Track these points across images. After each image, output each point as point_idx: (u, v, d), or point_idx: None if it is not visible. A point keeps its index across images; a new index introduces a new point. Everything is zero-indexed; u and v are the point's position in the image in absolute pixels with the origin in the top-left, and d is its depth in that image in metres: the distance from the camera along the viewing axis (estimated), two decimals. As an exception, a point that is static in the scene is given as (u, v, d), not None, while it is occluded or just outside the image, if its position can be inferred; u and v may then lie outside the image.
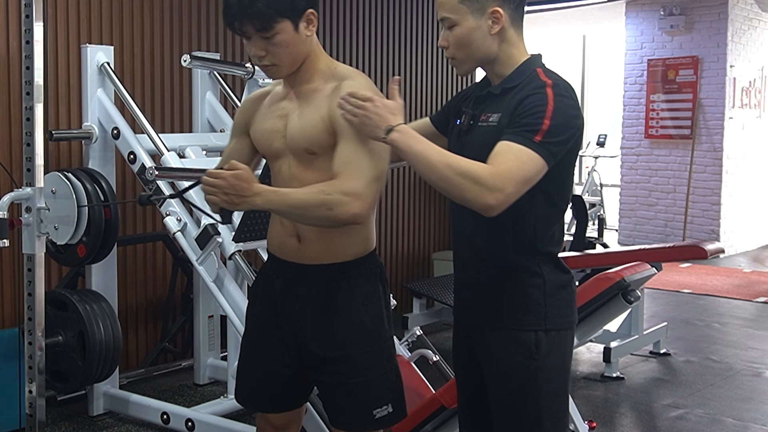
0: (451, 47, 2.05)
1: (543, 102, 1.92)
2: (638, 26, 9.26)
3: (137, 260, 4.40)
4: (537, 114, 1.91)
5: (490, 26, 2.01)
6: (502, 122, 1.97)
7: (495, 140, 1.93)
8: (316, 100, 2.11)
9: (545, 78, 2.00)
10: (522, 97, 1.96)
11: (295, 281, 2.19)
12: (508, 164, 1.87)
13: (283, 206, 2.07)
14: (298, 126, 2.12)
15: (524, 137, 1.89)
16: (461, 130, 2.10)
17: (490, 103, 2.06)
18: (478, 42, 2.02)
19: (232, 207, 2.07)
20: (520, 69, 2.04)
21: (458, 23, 2.02)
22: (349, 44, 5.42)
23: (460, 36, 2.02)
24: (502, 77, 2.06)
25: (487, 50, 2.04)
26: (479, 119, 2.06)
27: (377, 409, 2.18)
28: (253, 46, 2.08)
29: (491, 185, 1.84)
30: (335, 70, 2.15)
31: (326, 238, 2.14)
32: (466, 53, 2.05)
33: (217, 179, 2.02)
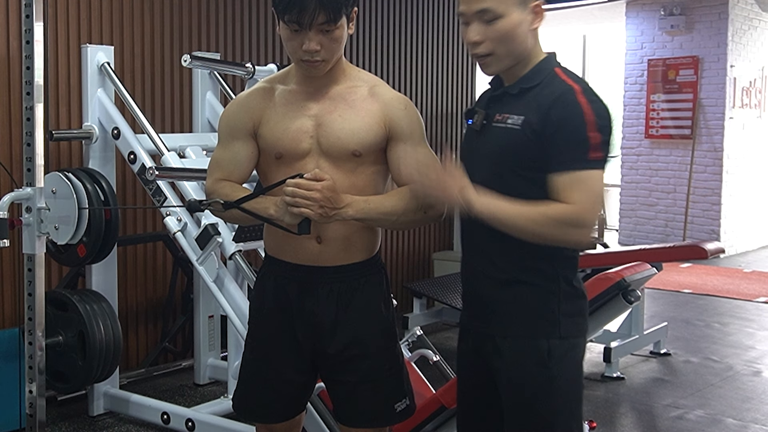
0: (489, 42, 1.90)
1: (579, 114, 1.84)
2: (638, 26, 9.26)
3: (137, 260, 4.40)
4: (580, 130, 1.83)
5: (531, 21, 1.91)
6: (528, 127, 1.88)
7: (516, 143, 1.89)
8: (356, 103, 2.11)
9: (570, 81, 1.91)
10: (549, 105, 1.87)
11: (314, 284, 2.16)
12: (587, 196, 1.82)
13: (377, 214, 2.06)
14: (345, 128, 2.09)
15: (581, 161, 1.83)
16: (473, 130, 2.04)
17: (506, 103, 1.97)
18: (521, 37, 1.91)
19: (324, 220, 2.01)
20: (537, 68, 1.95)
21: (504, 15, 1.88)
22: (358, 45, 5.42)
23: (505, 30, 1.89)
24: (518, 76, 1.96)
25: (525, 47, 1.93)
26: (493, 119, 1.98)
27: (398, 403, 2.22)
28: (308, 40, 2.01)
29: (585, 222, 1.83)
30: (358, 74, 2.19)
31: (348, 239, 2.14)
32: (507, 49, 1.92)
33: (311, 191, 1.96)
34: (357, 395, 2.19)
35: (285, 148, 2.12)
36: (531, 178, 1.90)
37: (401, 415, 2.23)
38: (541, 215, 1.84)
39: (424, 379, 3.31)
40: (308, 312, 2.17)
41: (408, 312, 5.36)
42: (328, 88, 2.13)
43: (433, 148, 2.22)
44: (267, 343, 2.24)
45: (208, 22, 4.64)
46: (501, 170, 1.94)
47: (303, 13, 1.98)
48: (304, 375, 2.23)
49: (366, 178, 2.13)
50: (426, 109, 6.09)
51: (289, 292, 2.18)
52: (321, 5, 1.97)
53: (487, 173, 1.96)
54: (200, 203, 2.20)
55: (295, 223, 2.02)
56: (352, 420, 2.22)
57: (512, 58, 1.93)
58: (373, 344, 2.18)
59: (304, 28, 2.01)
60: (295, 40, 2.04)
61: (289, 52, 2.09)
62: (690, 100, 8.91)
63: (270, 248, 2.24)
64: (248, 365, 2.29)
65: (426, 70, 6.10)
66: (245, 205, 2.09)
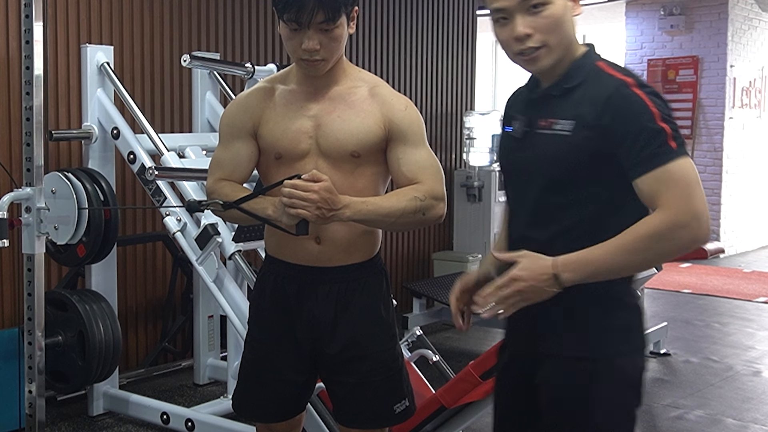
0: (540, 33, 1.71)
1: (643, 107, 1.65)
2: (638, 26, 9.26)
3: (137, 260, 4.40)
4: (649, 124, 1.64)
5: (572, 8, 1.74)
6: (581, 132, 1.69)
7: (569, 152, 1.71)
8: (356, 103, 2.11)
9: (620, 75, 1.72)
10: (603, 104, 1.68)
11: (313, 285, 2.16)
12: (680, 191, 1.62)
13: (375, 216, 2.04)
14: (344, 128, 2.08)
15: (661, 155, 1.63)
16: (514, 139, 1.84)
17: (549, 106, 1.77)
18: (569, 23, 1.73)
19: (322, 221, 1.99)
20: (578, 64, 1.77)
21: (552, 1, 1.70)
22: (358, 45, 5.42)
23: (556, 16, 1.71)
24: (557, 75, 1.77)
25: (570, 36, 1.75)
26: (537, 125, 1.78)
27: (397, 404, 2.22)
28: (307, 39, 2.01)
29: (687, 222, 1.63)
30: (359, 74, 2.18)
31: (348, 240, 2.13)
32: (559, 38, 1.73)
33: (308, 192, 1.94)
34: (356, 396, 2.19)
35: (284, 149, 2.12)
36: (592, 189, 1.73)
37: (400, 417, 2.23)
38: (637, 240, 1.64)
39: (424, 379, 3.31)
40: (307, 312, 2.16)
41: (408, 312, 5.36)
42: (329, 88, 2.12)
43: (433, 149, 2.22)
44: (266, 343, 2.24)
45: (208, 22, 4.64)
46: (553, 183, 1.75)
47: (302, 11, 1.98)
48: (303, 375, 2.23)
49: (365, 179, 2.12)
50: (426, 109, 6.09)
51: (289, 292, 2.18)
52: (320, 4, 1.97)
53: (537, 187, 1.78)
54: (200, 203, 2.20)
55: (293, 224, 2.01)
56: (351, 421, 2.22)
57: (563, 49, 1.75)
58: (372, 346, 2.18)
59: (303, 27, 2.00)
60: (294, 39, 2.03)
61: (289, 51, 2.08)
62: (690, 100, 8.91)
63: (270, 248, 2.24)
64: (248, 365, 2.29)
65: (426, 70, 6.09)
66: (244, 205, 2.09)
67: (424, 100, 6.08)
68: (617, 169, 1.68)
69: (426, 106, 6.10)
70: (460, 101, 6.43)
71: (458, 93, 6.40)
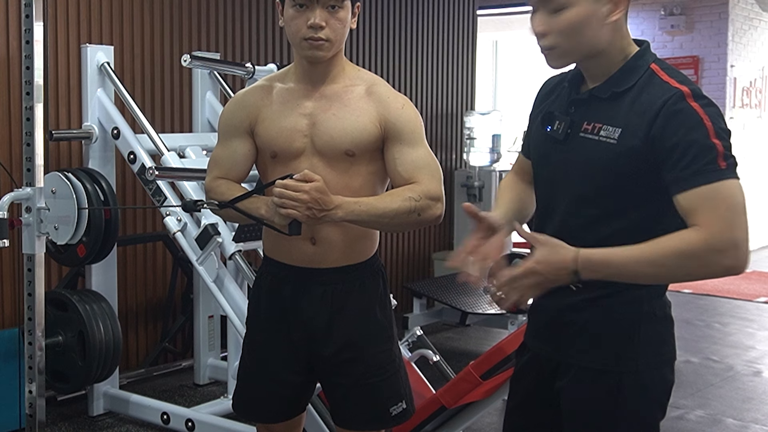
0: (554, 35, 1.66)
1: (697, 121, 1.56)
2: (638, 26, 9.26)
3: (137, 260, 4.40)
4: (701, 139, 1.55)
5: (607, 13, 1.64)
6: (629, 142, 1.62)
7: (614, 161, 1.63)
8: (352, 101, 2.09)
9: (676, 83, 1.62)
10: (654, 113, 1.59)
11: (308, 285, 2.15)
12: (720, 213, 1.54)
13: (368, 216, 2.02)
14: (338, 127, 2.07)
15: (708, 173, 1.54)
16: (555, 140, 1.75)
17: (595, 109, 1.70)
18: (592, 30, 1.64)
19: (312, 221, 1.98)
20: (629, 66, 1.68)
21: (572, 5, 1.63)
22: (358, 45, 5.42)
23: (573, 21, 1.63)
24: (606, 75, 1.69)
25: (598, 42, 1.66)
26: (580, 128, 1.70)
27: (393, 407, 2.20)
28: (314, 16, 2.01)
29: (724, 246, 1.53)
30: (358, 73, 2.16)
31: (343, 241, 2.13)
32: (574, 43, 1.66)
33: (299, 192, 1.94)
34: (351, 398, 2.19)
35: (279, 147, 2.11)
36: (632, 201, 1.66)
37: (397, 419, 2.21)
38: (667, 254, 1.55)
39: (424, 379, 3.31)
40: (302, 313, 2.16)
41: (408, 312, 5.36)
42: (326, 86, 2.12)
43: (434, 149, 2.20)
44: (263, 344, 2.23)
45: (208, 22, 4.64)
46: (593, 192, 1.69)
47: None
48: (300, 376, 2.22)
49: (361, 179, 2.11)
50: (426, 109, 6.09)
51: (284, 292, 2.18)
52: None
53: (575, 193, 1.72)
54: (195, 203, 2.20)
55: (285, 224, 2.00)
56: (347, 422, 2.22)
57: (580, 54, 1.68)
58: (368, 348, 2.17)
59: (309, 2, 2.00)
60: (299, 18, 2.03)
61: (291, 33, 2.06)
62: (690, 100, 8.91)
63: (267, 248, 2.24)
64: (246, 365, 2.29)
65: (426, 70, 6.09)
66: (239, 204, 2.09)
67: (424, 100, 6.08)
68: (659, 185, 1.61)
69: (426, 106, 6.09)
70: (460, 101, 6.43)
71: (458, 93, 6.40)
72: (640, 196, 1.65)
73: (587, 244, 1.63)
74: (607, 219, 1.68)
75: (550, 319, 1.78)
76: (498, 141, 6.30)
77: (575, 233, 1.69)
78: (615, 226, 1.67)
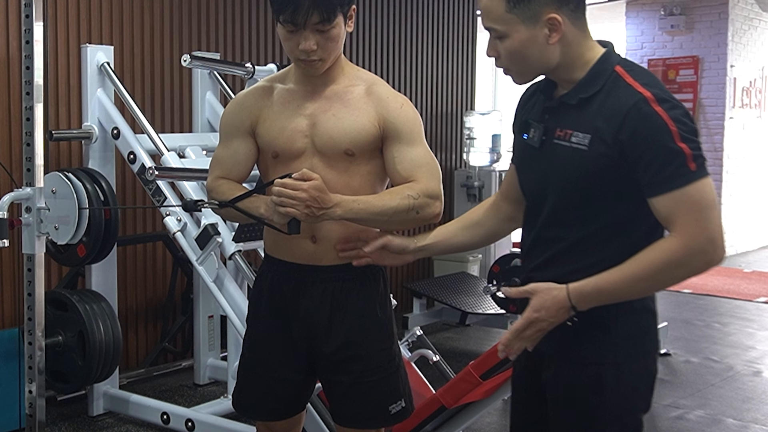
0: (503, 59, 1.75)
1: (661, 126, 1.61)
2: (638, 26, 9.26)
3: (137, 260, 4.40)
4: (667, 144, 1.60)
5: (548, 35, 1.70)
6: (598, 148, 1.67)
7: (586, 167, 1.69)
8: (351, 102, 2.10)
9: (639, 87, 1.66)
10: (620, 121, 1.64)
11: (308, 283, 2.16)
12: (695, 216, 1.61)
13: (366, 214, 2.04)
14: (338, 127, 2.08)
15: (679, 176, 1.60)
16: (532, 147, 1.81)
17: (566, 115, 1.75)
18: (535, 54, 1.72)
19: (312, 220, 1.99)
20: (594, 70, 1.72)
21: (508, 35, 1.71)
22: (358, 44, 5.42)
23: (512, 49, 1.72)
24: (573, 82, 1.75)
25: (547, 61, 1.73)
26: (554, 134, 1.76)
27: (392, 405, 2.21)
28: (305, 40, 2.01)
29: (703, 248, 1.63)
30: (357, 73, 2.17)
31: (343, 239, 2.13)
32: (521, 67, 1.76)
33: (297, 191, 1.95)
34: (350, 396, 2.19)
35: (281, 148, 2.12)
36: (607, 204, 1.71)
37: (396, 418, 2.22)
38: (652, 268, 1.64)
39: (424, 379, 3.31)
40: (303, 311, 2.17)
41: (408, 312, 5.36)
42: (326, 87, 2.12)
43: (433, 149, 2.21)
44: (263, 342, 2.24)
45: (208, 22, 4.64)
46: (569, 196, 1.75)
47: (297, 12, 1.98)
48: (300, 374, 2.23)
49: (361, 178, 2.12)
50: (426, 109, 6.09)
51: (285, 290, 2.19)
52: (314, 5, 1.97)
53: (553, 198, 1.77)
54: (196, 203, 2.21)
55: (284, 223, 2.01)
56: (346, 420, 2.23)
57: (534, 73, 1.78)
58: (367, 346, 2.17)
59: (299, 27, 2.01)
60: (291, 39, 2.04)
61: (286, 51, 2.09)
62: (690, 100, 8.91)
63: (268, 247, 2.24)
64: (246, 363, 2.29)
65: (426, 69, 6.09)
66: (239, 204, 2.10)
67: (424, 100, 6.08)
68: (634, 185, 1.66)
69: (426, 106, 6.10)
70: (460, 101, 6.43)
71: (458, 93, 6.40)
72: (614, 198, 1.71)
73: (569, 247, 1.74)
74: (585, 221, 1.74)
75: None
76: (498, 141, 6.30)
77: (556, 236, 1.77)
78: (593, 227, 1.74)
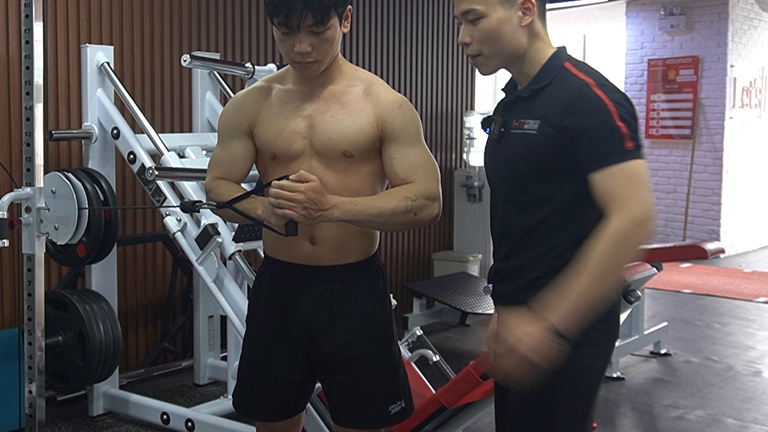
0: (476, 43, 1.86)
1: (601, 106, 1.74)
2: (638, 26, 9.26)
3: (137, 260, 4.40)
4: (607, 122, 1.73)
5: (521, 17, 1.84)
6: (546, 130, 1.80)
7: (535, 149, 1.81)
8: (349, 103, 2.10)
9: (583, 75, 1.81)
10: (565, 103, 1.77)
11: (307, 283, 2.16)
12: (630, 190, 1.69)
13: (364, 216, 2.02)
14: (336, 128, 2.08)
15: (617, 153, 1.71)
16: (492, 140, 1.95)
17: (521, 107, 1.88)
18: (508, 35, 1.84)
19: (309, 221, 1.98)
20: (547, 66, 1.86)
21: (486, 15, 1.83)
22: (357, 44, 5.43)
23: (489, 29, 1.84)
24: (530, 77, 1.88)
25: (517, 44, 1.86)
26: (511, 126, 1.89)
27: (392, 405, 2.21)
28: (299, 42, 2.01)
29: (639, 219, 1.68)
30: (356, 73, 2.17)
31: (342, 240, 2.13)
32: (493, 48, 1.86)
33: (294, 193, 1.94)
34: (350, 396, 2.19)
35: (279, 149, 2.12)
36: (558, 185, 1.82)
37: (395, 418, 2.22)
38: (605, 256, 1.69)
39: (424, 379, 3.31)
40: (302, 312, 2.17)
41: (408, 312, 5.36)
42: (324, 88, 2.12)
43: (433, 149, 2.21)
44: (263, 342, 2.24)
45: (208, 22, 4.64)
46: (523, 180, 1.85)
47: (290, 15, 1.98)
48: (299, 374, 2.23)
49: (360, 179, 2.11)
50: (426, 109, 6.09)
51: (284, 290, 2.19)
52: (307, 7, 1.96)
53: (509, 183, 1.89)
54: (193, 204, 2.22)
55: (282, 224, 2.01)
56: (346, 420, 2.23)
57: (502, 58, 1.88)
58: (366, 346, 2.17)
59: (293, 30, 2.00)
60: (286, 42, 2.04)
61: (282, 53, 2.09)
62: (690, 100, 8.91)
63: (267, 247, 2.24)
64: (246, 363, 2.29)
65: (426, 70, 6.09)
66: (237, 205, 2.10)
67: (424, 100, 6.08)
68: (579, 165, 1.77)
69: (426, 106, 6.10)
70: (460, 101, 6.43)
71: (458, 93, 6.40)
72: (563, 179, 1.81)
73: (527, 229, 1.84)
74: (539, 204, 1.84)
75: (506, 302, 1.91)
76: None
77: (514, 220, 1.89)
78: (548, 209, 1.83)
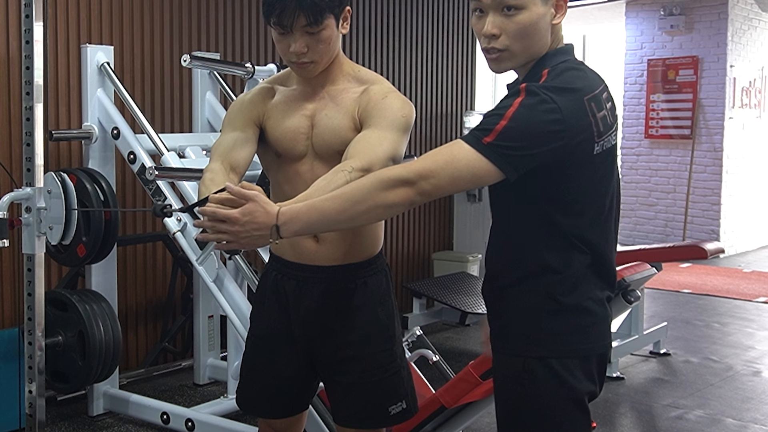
0: (506, 37, 1.71)
1: (509, 103, 1.65)
2: (638, 26, 9.26)
3: (137, 260, 4.40)
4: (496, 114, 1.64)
5: (553, 15, 1.73)
6: None
7: None
8: (344, 102, 2.10)
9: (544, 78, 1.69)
10: None
11: (310, 283, 2.16)
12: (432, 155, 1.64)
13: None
14: (329, 127, 2.08)
15: (473, 136, 1.63)
16: None
17: None
18: (541, 32, 1.72)
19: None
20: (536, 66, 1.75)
21: (526, 7, 1.68)
22: (357, 44, 5.43)
23: (526, 23, 1.69)
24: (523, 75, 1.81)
25: (545, 44, 1.75)
26: None
27: (392, 406, 2.20)
28: (294, 42, 2.01)
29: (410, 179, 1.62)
30: (358, 73, 2.16)
31: (345, 238, 2.13)
32: (524, 45, 1.72)
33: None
34: (350, 396, 2.19)
35: (284, 149, 2.13)
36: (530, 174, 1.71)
37: (396, 418, 2.21)
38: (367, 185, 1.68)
39: (424, 379, 3.31)
40: (304, 310, 2.17)
41: (408, 312, 5.36)
42: (323, 88, 2.13)
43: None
44: (266, 340, 2.25)
45: (208, 22, 4.64)
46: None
47: (283, 15, 1.98)
48: (301, 372, 2.23)
49: None
50: (426, 109, 6.09)
51: (287, 289, 2.19)
52: (300, 7, 1.96)
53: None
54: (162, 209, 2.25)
55: None
56: (346, 420, 2.23)
57: (526, 56, 1.74)
58: (368, 346, 2.17)
59: (287, 30, 2.00)
60: (283, 42, 2.04)
61: (280, 53, 2.09)
62: (690, 100, 8.91)
63: (272, 246, 2.24)
64: (248, 361, 2.30)
65: (426, 70, 6.09)
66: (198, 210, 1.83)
67: (424, 100, 6.08)
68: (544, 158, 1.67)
69: (426, 106, 6.10)
70: (460, 101, 6.43)
71: (458, 93, 6.40)
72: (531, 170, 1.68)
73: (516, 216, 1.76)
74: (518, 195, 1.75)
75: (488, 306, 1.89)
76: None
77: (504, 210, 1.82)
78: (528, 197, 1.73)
